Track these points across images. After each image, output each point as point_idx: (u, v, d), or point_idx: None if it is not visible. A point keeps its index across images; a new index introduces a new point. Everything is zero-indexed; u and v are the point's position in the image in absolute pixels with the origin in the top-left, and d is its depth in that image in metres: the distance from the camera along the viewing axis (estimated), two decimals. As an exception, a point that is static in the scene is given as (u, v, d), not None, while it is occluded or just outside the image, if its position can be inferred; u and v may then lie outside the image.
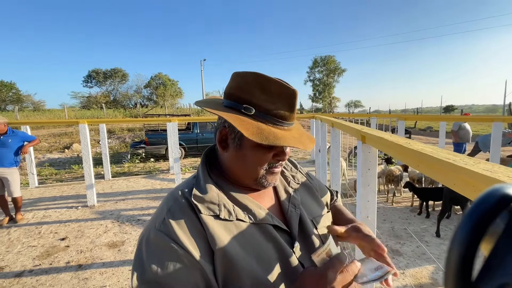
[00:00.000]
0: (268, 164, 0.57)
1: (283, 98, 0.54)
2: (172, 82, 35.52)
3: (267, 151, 0.56)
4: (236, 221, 0.53)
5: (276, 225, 0.57)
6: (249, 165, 0.57)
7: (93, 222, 3.62)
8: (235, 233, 0.52)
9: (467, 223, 0.19)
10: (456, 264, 0.18)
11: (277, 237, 0.55)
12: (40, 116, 19.06)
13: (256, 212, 0.56)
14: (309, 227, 0.62)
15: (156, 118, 9.93)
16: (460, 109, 29.84)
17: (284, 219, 0.61)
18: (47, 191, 5.13)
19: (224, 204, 0.54)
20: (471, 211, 0.19)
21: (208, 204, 0.53)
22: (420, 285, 2.27)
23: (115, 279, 2.40)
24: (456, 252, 0.19)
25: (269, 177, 0.59)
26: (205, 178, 0.57)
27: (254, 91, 0.54)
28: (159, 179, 5.96)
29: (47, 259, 2.73)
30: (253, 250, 0.52)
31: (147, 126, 10.40)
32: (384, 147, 1.13)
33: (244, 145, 0.56)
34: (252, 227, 0.54)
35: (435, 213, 3.66)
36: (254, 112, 0.54)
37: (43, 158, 9.67)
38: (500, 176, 0.49)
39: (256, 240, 0.53)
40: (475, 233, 0.18)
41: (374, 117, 6.92)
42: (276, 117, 0.55)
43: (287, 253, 0.55)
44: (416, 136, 14.96)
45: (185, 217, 0.51)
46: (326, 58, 38.04)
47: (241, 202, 0.57)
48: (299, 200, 0.65)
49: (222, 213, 0.53)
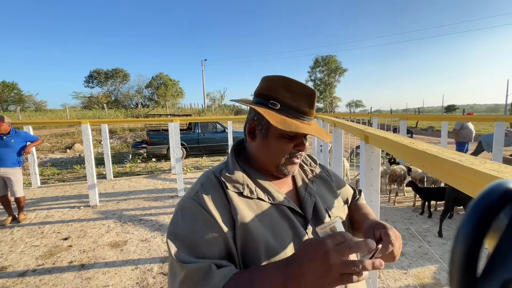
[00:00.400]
0: (289, 153, 0.66)
1: (304, 97, 0.65)
2: (173, 82, 35.52)
3: (289, 141, 0.65)
4: (257, 200, 0.63)
5: (292, 207, 0.65)
6: (273, 153, 0.66)
7: (96, 222, 3.63)
8: (255, 208, 0.61)
9: (470, 219, 0.19)
10: (460, 260, 0.18)
11: (292, 217, 0.64)
12: (42, 116, 19.11)
13: (275, 194, 0.65)
14: (323, 214, 0.69)
15: (157, 118, 9.93)
16: (462, 109, 29.73)
17: (300, 205, 0.68)
18: (50, 191, 5.15)
19: (247, 184, 0.64)
20: (474, 207, 0.19)
21: (234, 183, 0.63)
22: (423, 285, 2.27)
23: (117, 278, 2.41)
24: (460, 248, 0.18)
25: (289, 165, 0.67)
26: (233, 163, 0.68)
27: (280, 90, 0.65)
28: (160, 179, 5.97)
29: (50, 259, 2.74)
30: (270, 225, 0.61)
31: (149, 126, 10.40)
32: (388, 147, 1.13)
33: (270, 135, 0.66)
34: (270, 207, 0.63)
35: (437, 213, 3.65)
36: (279, 106, 0.64)
37: (45, 158, 9.70)
38: (508, 176, 0.48)
39: (273, 217, 0.62)
40: (479, 229, 0.18)
41: (375, 117, 6.91)
42: (297, 111, 0.65)
43: (300, 232, 0.63)
44: (418, 136, 14.92)
45: (214, 191, 0.62)
46: (327, 58, 37.96)
47: (262, 185, 0.66)
48: (315, 190, 0.72)
49: (245, 191, 0.62)
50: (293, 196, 0.70)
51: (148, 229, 3.39)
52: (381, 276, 2.36)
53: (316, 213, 0.68)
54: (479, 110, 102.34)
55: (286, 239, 0.60)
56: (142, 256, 2.77)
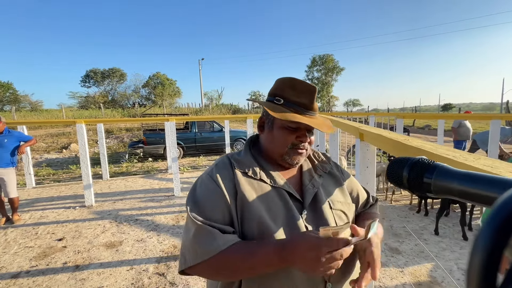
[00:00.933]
0: (292, 144, 0.73)
1: (305, 92, 0.73)
2: (170, 81, 35.36)
3: (291, 132, 0.73)
4: (259, 181, 0.72)
5: (291, 192, 0.71)
6: (277, 143, 0.74)
7: (91, 222, 3.59)
8: (256, 187, 0.70)
9: (490, 228, 0.18)
10: (479, 269, 0.18)
11: (288, 200, 0.70)
12: (38, 116, 18.94)
13: (276, 179, 0.73)
14: (323, 204, 0.73)
15: (154, 118, 9.87)
16: (458, 107, 29.95)
17: (301, 193, 0.74)
18: (45, 192, 5.10)
19: (252, 167, 0.73)
20: (494, 215, 0.18)
21: (241, 164, 0.74)
22: (419, 283, 2.26)
23: (112, 279, 2.38)
24: (479, 257, 0.18)
25: (293, 155, 0.74)
26: (246, 151, 0.79)
27: (286, 88, 0.74)
28: (157, 179, 5.94)
29: (44, 260, 2.71)
30: (266, 202, 0.68)
31: (145, 126, 10.35)
32: (383, 145, 1.11)
33: (274, 127, 0.75)
34: (270, 189, 0.71)
35: (434, 211, 3.66)
36: (282, 102, 0.74)
37: (40, 158, 9.61)
38: (502, 171, 0.47)
39: (271, 197, 0.70)
40: (499, 239, 0.18)
41: (372, 116, 6.93)
42: (298, 105, 0.73)
43: (294, 214, 0.69)
44: (415, 134, 14.98)
45: (225, 170, 0.73)
46: (325, 57, 37.98)
47: (268, 171, 0.74)
48: (320, 183, 0.77)
49: (249, 172, 0.72)
50: (296, 184, 0.76)
51: (144, 229, 3.36)
52: (377, 275, 2.35)
53: (316, 202, 0.73)
54: (475, 109, 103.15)
55: (279, 217, 0.67)
56: (138, 256, 2.75)
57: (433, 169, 0.37)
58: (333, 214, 0.73)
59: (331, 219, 0.71)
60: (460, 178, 0.33)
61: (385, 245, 2.86)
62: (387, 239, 2.97)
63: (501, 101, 19.22)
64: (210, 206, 0.68)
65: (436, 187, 0.36)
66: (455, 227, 3.24)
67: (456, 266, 2.49)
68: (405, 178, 0.40)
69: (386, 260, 2.59)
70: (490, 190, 0.29)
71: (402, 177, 0.40)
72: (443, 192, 0.35)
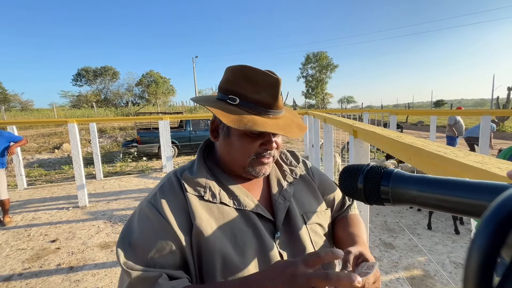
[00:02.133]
0: (255, 153, 0.59)
1: (267, 87, 0.57)
2: (164, 79, 35.08)
3: (253, 140, 0.58)
4: (220, 204, 0.57)
5: (260, 213, 0.59)
6: (237, 153, 0.60)
7: (85, 223, 3.55)
8: (216, 214, 0.56)
9: (487, 228, 0.18)
10: (475, 270, 0.18)
11: (257, 224, 0.57)
12: (28, 116, 18.59)
13: (241, 199, 0.59)
14: (297, 220, 0.62)
15: (147, 116, 9.77)
16: (450, 104, 30.43)
17: (272, 210, 0.62)
18: (37, 193, 5.01)
19: (210, 187, 0.59)
20: (491, 215, 0.18)
21: (194, 185, 0.58)
22: (413, 277, 2.31)
23: (107, 280, 2.36)
24: (475, 258, 0.18)
25: (257, 166, 0.60)
26: (199, 163, 0.63)
27: (240, 82, 0.58)
28: (152, 178, 5.89)
29: (37, 262, 2.67)
30: (230, 232, 0.55)
31: (139, 125, 10.24)
32: (376, 141, 1.12)
33: (232, 133, 0.59)
34: (235, 212, 0.58)
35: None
36: (238, 101, 0.57)
37: (32, 159, 9.44)
38: (491, 167, 0.48)
39: (236, 224, 0.56)
40: (496, 239, 0.17)
41: (366, 112, 6.99)
42: (259, 105, 0.57)
43: (266, 241, 0.57)
44: (408, 131, 15.18)
45: (173, 194, 0.57)
46: (319, 54, 38.13)
47: (229, 188, 0.60)
48: (291, 193, 0.65)
49: (207, 195, 0.57)
50: (265, 200, 0.64)
51: (139, 229, 3.34)
52: (372, 270, 2.39)
53: (289, 219, 0.61)
54: (467, 105, 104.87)
55: (248, 249, 0.55)
56: (133, 256, 2.73)
57: (388, 176, 0.34)
58: (308, 231, 0.62)
59: (307, 238, 0.61)
60: (418, 183, 0.31)
61: (380, 240, 2.90)
62: (381, 235, 3.01)
63: (491, 97, 19.59)
64: (154, 248, 0.51)
65: (395, 196, 0.33)
66: (448, 221, 3.30)
67: (448, 259, 2.54)
68: (361, 189, 0.36)
69: (380, 255, 2.62)
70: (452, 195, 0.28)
71: (357, 189, 0.37)
72: (403, 200, 0.33)
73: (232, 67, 0.59)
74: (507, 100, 17.06)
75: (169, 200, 0.56)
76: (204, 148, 0.67)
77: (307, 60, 39.20)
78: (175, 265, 0.52)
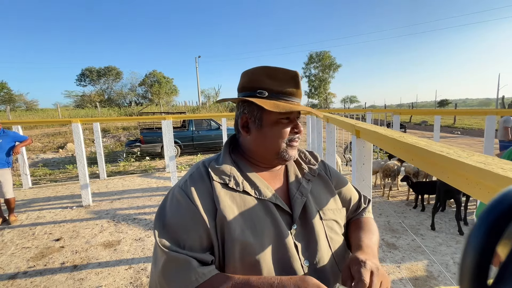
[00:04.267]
0: (288, 138, 0.66)
1: (288, 80, 0.65)
2: (167, 79, 35.18)
3: (286, 125, 0.66)
4: (242, 193, 0.62)
5: (278, 204, 0.63)
6: (272, 140, 0.65)
7: (89, 222, 3.58)
8: (238, 201, 0.61)
9: (482, 225, 0.18)
10: (471, 267, 0.18)
11: (276, 214, 0.62)
12: (33, 116, 18.77)
13: (262, 189, 0.64)
14: (314, 215, 0.66)
15: (150, 116, 9.83)
16: (455, 103, 30.11)
17: (289, 203, 0.66)
18: (41, 192, 5.06)
19: (234, 176, 0.64)
20: (487, 213, 0.18)
21: (220, 174, 0.63)
22: (416, 277, 2.29)
23: (111, 279, 2.38)
24: (471, 255, 0.18)
25: (289, 150, 0.67)
26: (225, 155, 0.68)
27: (263, 79, 0.65)
28: (155, 178, 5.92)
29: (41, 260, 2.70)
30: (250, 219, 0.59)
31: (142, 125, 10.29)
32: (378, 141, 1.12)
33: (265, 124, 0.65)
34: (255, 201, 0.62)
35: (430, 206, 3.69)
36: (267, 94, 0.64)
37: (36, 158, 9.54)
38: (494, 168, 0.48)
39: (256, 212, 0.61)
40: (491, 236, 0.18)
41: (369, 112, 6.95)
42: (286, 94, 0.65)
43: (283, 230, 0.61)
44: (412, 131, 15.06)
45: (201, 181, 0.63)
46: (321, 54, 37.97)
47: (251, 179, 0.65)
48: (309, 190, 0.69)
49: (231, 183, 0.62)
50: (284, 193, 0.68)
51: (142, 228, 3.36)
52: (375, 270, 2.37)
53: (305, 214, 0.65)
54: (472, 104, 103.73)
55: (266, 237, 0.59)
56: (136, 255, 2.75)
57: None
58: (324, 226, 0.66)
59: (322, 233, 0.64)
60: None
61: (382, 240, 2.88)
62: (384, 235, 2.99)
63: (496, 97, 19.36)
64: (184, 229, 0.57)
65: None
66: (451, 222, 3.27)
67: (452, 260, 2.51)
68: None
69: (383, 255, 2.61)
70: None
71: None
72: None
73: (251, 69, 0.67)
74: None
75: (197, 187, 0.61)
76: (230, 143, 0.73)
77: (310, 60, 39.06)
78: (202, 246, 0.57)
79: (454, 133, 14.23)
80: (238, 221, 0.58)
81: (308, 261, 0.60)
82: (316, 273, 0.60)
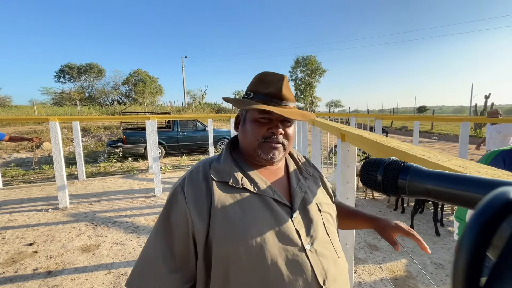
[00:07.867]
0: (263, 136, 0.70)
1: (274, 82, 0.71)
2: (152, 78, 34.38)
3: (262, 124, 0.70)
4: (242, 190, 0.66)
5: (276, 199, 0.67)
6: (249, 135, 0.71)
7: (65, 225, 3.41)
8: (238, 198, 0.65)
9: (473, 228, 0.18)
10: (463, 269, 0.18)
11: (275, 207, 0.66)
12: (6, 113, 17.71)
13: (260, 185, 0.68)
14: (312, 207, 0.71)
15: (134, 116, 9.56)
16: (432, 110, 31.58)
17: (289, 198, 0.70)
18: (13, 193, 4.78)
19: (234, 174, 0.67)
20: (477, 216, 0.19)
21: (220, 172, 0.68)
22: (396, 278, 2.36)
23: (88, 284, 2.28)
24: (463, 257, 0.18)
25: (265, 149, 0.70)
26: (226, 154, 0.73)
27: (257, 83, 0.73)
28: (137, 179, 5.75)
29: (12, 267, 2.53)
30: (251, 214, 0.63)
31: (125, 124, 9.99)
32: (363, 145, 1.14)
33: (246, 121, 0.72)
34: (255, 197, 0.66)
35: (410, 208, 3.83)
36: (252, 95, 0.72)
37: (9, 158, 8.99)
38: (471, 171, 0.50)
39: (255, 207, 0.64)
40: (482, 239, 0.18)
41: (353, 117, 7.12)
42: (267, 95, 0.70)
43: (284, 220, 0.64)
44: (393, 135, 15.62)
45: (199, 180, 0.67)
46: (308, 58, 38.61)
47: (250, 176, 0.69)
48: (307, 186, 0.75)
49: (231, 181, 0.66)
50: (284, 189, 0.72)
51: (123, 231, 3.24)
52: (357, 271, 2.43)
53: (305, 205, 0.70)
54: (447, 111, 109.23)
55: (266, 226, 0.62)
56: (116, 260, 2.65)
57: (407, 170, 0.37)
58: (322, 218, 0.71)
59: (320, 222, 0.69)
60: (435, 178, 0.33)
61: (365, 241, 2.95)
62: (366, 236, 3.07)
63: (470, 105, 20.51)
64: (175, 229, 0.63)
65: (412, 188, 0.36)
66: (429, 223, 3.41)
67: (429, 260, 2.62)
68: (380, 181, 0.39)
69: (365, 256, 2.67)
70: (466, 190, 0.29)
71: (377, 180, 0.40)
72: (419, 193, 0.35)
73: (257, 74, 0.75)
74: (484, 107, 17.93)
75: (194, 184, 0.66)
76: (231, 143, 0.79)
77: (296, 64, 39.61)
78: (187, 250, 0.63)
79: (432, 138, 14.92)
80: (239, 214, 0.62)
81: (310, 245, 0.64)
82: (318, 257, 0.63)
